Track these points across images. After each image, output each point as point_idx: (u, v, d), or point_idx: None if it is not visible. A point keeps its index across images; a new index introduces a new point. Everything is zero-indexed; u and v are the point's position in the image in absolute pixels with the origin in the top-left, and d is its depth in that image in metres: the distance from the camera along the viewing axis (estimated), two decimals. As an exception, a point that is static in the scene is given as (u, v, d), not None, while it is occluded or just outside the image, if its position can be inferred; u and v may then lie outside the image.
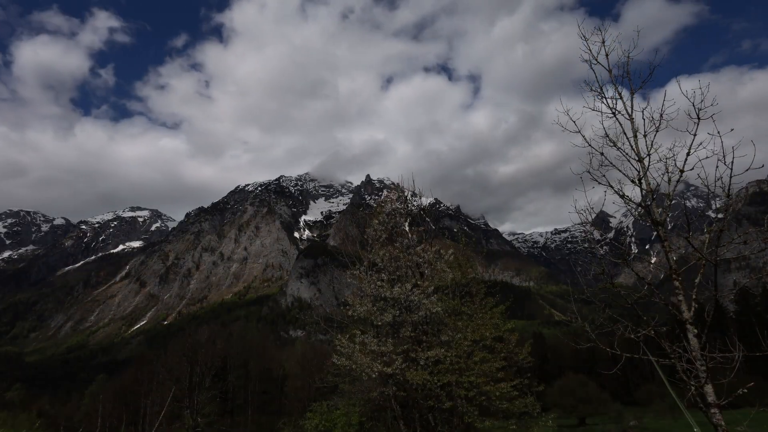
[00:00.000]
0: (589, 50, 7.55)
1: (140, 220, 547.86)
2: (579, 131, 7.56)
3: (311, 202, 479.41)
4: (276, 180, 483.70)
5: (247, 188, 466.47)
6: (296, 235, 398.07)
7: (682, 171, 6.86)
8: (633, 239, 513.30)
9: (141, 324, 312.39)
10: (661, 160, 7.05)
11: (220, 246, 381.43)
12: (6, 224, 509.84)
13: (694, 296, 6.45)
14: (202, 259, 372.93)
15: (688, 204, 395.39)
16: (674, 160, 6.92)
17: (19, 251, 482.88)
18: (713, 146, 6.41)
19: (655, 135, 7.11)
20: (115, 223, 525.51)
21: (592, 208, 7.43)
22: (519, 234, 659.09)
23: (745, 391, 5.93)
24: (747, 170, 6.19)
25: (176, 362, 52.35)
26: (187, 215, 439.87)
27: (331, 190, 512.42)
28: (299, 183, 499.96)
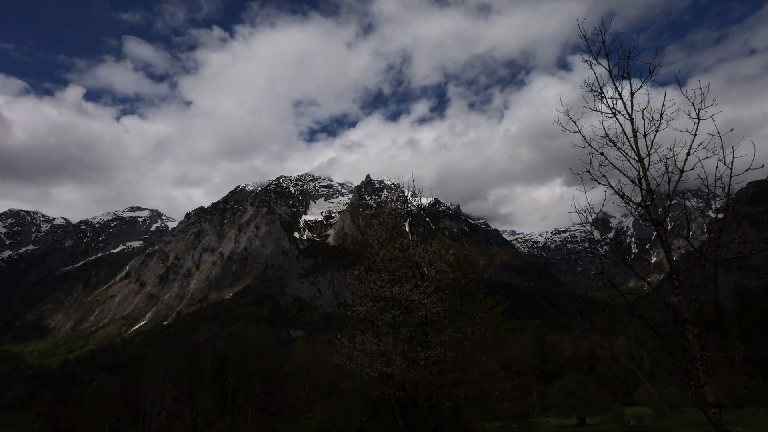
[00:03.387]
0: (590, 50, 7.55)
1: (140, 220, 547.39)
2: (579, 131, 7.56)
3: (311, 202, 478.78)
4: (276, 180, 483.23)
5: (247, 188, 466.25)
6: (296, 235, 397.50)
7: (682, 171, 6.86)
8: (633, 239, 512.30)
9: (141, 324, 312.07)
10: (661, 160, 7.05)
11: (220, 246, 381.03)
12: (6, 224, 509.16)
13: (694, 296, 6.45)
14: (202, 259, 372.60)
15: (688, 204, 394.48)
16: (674, 160, 6.93)
17: (19, 251, 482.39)
18: (713, 146, 6.42)
19: (655, 135, 7.11)
20: (115, 223, 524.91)
21: (592, 208, 7.43)
22: (519, 234, 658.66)
23: (745, 390, 5.94)
24: (747, 170, 6.20)
25: (176, 362, 52.34)
26: (187, 215, 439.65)
27: (331, 190, 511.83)
28: (299, 183, 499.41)
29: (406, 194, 16.78)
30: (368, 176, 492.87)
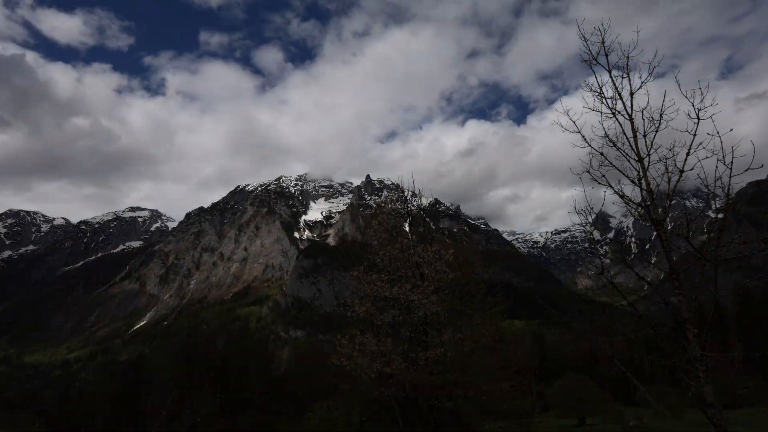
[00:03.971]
0: (589, 51, 7.55)
1: (140, 220, 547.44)
2: (579, 131, 7.55)
3: (311, 202, 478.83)
4: (276, 180, 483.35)
5: (247, 188, 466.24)
6: (296, 235, 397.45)
7: (682, 171, 6.85)
8: (633, 239, 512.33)
9: (141, 324, 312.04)
10: (661, 160, 7.05)
11: (220, 246, 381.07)
12: (6, 224, 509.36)
13: (694, 296, 6.45)
14: (202, 259, 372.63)
15: (688, 204, 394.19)
16: (674, 160, 6.92)
17: (19, 251, 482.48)
18: (713, 146, 6.42)
19: (654, 135, 7.11)
20: (115, 223, 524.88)
21: (592, 208, 7.43)
22: (519, 234, 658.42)
23: (745, 390, 5.95)
24: (747, 170, 6.19)
25: (176, 362, 52.31)
26: (187, 215, 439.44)
27: (331, 190, 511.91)
28: (299, 183, 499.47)
29: (405, 194, 16.78)
30: (368, 176, 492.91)
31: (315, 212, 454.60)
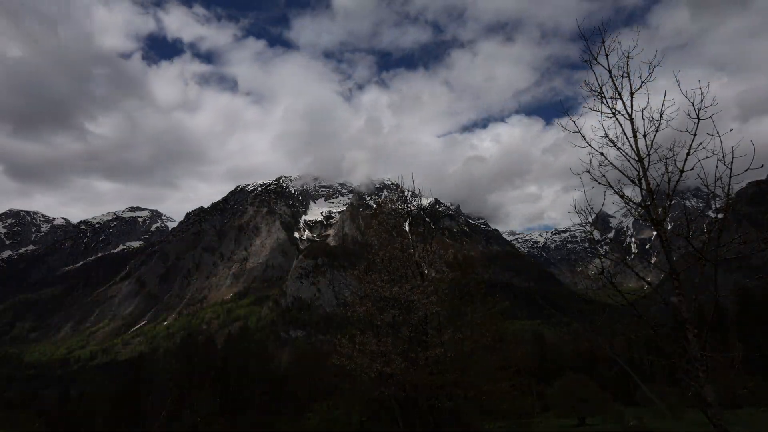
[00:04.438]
0: (589, 50, 7.54)
1: (140, 220, 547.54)
2: (579, 131, 7.55)
3: (311, 202, 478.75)
4: (276, 180, 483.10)
5: (247, 188, 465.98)
6: (296, 235, 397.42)
7: (682, 171, 6.85)
8: (633, 239, 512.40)
9: (141, 324, 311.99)
10: (661, 160, 7.04)
11: (220, 246, 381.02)
12: (6, 224, 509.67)
13: (694, 296, 6.45)
14: (202, 259, 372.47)
15: (688, 204, 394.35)
16: (674, 160, 6.91)
17: (19, 251, 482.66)
18: (713, 146, 6.41)
19: (654, 135, 7.10)
20: (115, 223, 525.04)
21: (592, 208, 7.43)
22: (519, 234, 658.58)
23: (745, 390, 5.94)
24: (747, 170, 6.19)
25: (176, 362, 52.33)
26: (187, 215, 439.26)
27: (331, 190, 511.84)
28: (299, 183, 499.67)
29: (405, 194, 16.78)
30: (368, 176, 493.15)
31: (315, 212, 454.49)
